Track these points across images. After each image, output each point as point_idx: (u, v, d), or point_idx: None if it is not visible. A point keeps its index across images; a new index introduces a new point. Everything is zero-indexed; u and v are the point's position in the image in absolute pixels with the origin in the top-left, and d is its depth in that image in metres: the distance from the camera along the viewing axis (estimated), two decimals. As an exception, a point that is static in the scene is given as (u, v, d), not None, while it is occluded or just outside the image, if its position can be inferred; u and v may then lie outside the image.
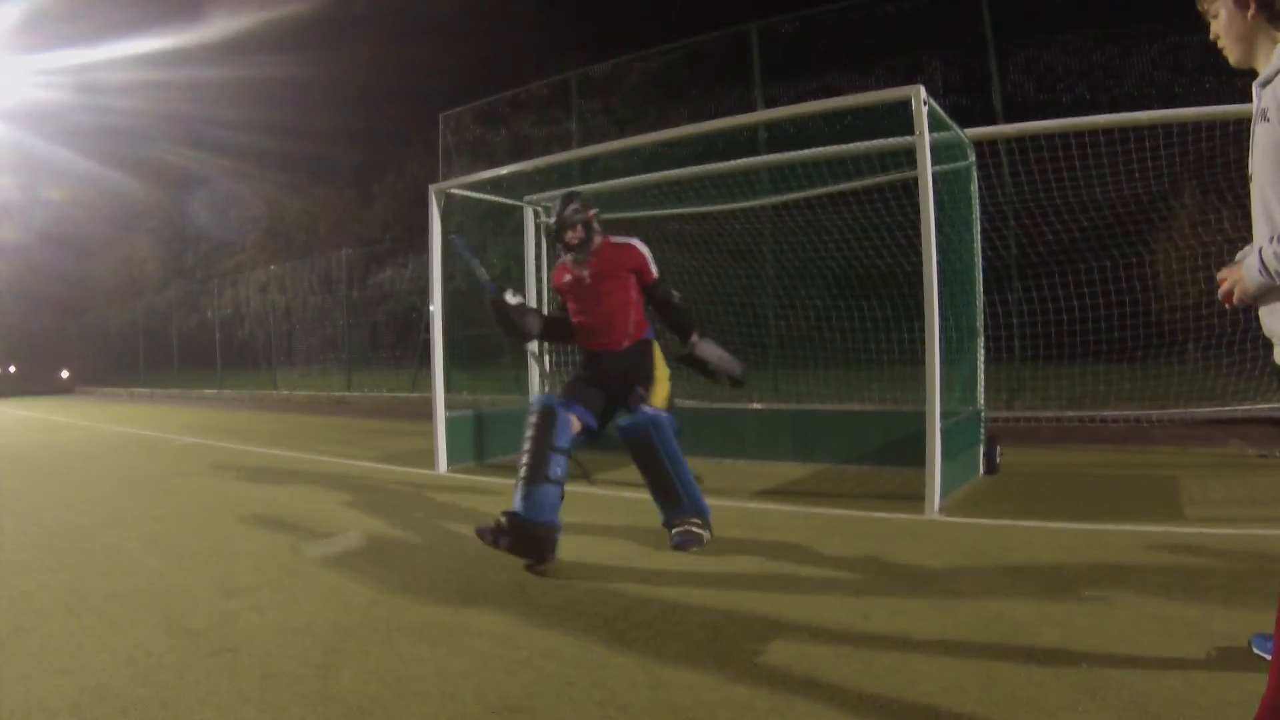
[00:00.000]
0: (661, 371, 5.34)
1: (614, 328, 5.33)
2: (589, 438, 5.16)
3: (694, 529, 4.98)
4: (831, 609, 3.72)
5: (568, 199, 5.41)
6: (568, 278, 5.45)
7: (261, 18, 37.74)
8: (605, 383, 5.27)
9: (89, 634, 3.67)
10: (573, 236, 5.35)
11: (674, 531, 5.01)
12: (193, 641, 3.54)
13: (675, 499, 5.03)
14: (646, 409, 5.05)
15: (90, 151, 39.93)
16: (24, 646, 3.52)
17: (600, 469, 7.47)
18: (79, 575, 4.70)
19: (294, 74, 40.08)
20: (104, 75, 38.27)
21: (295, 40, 41.82)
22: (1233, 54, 2.41)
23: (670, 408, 5.28)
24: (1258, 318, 2.39)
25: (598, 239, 5.41)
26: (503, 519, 4.55)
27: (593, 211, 5.43)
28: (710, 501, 5.77)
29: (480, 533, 4.64)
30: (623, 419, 5.11)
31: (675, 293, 5.52)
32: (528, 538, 4.53)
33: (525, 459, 4.77)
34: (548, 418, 4.86)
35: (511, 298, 5.44)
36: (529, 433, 4.84)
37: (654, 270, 5.43)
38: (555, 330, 5.77)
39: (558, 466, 4.75)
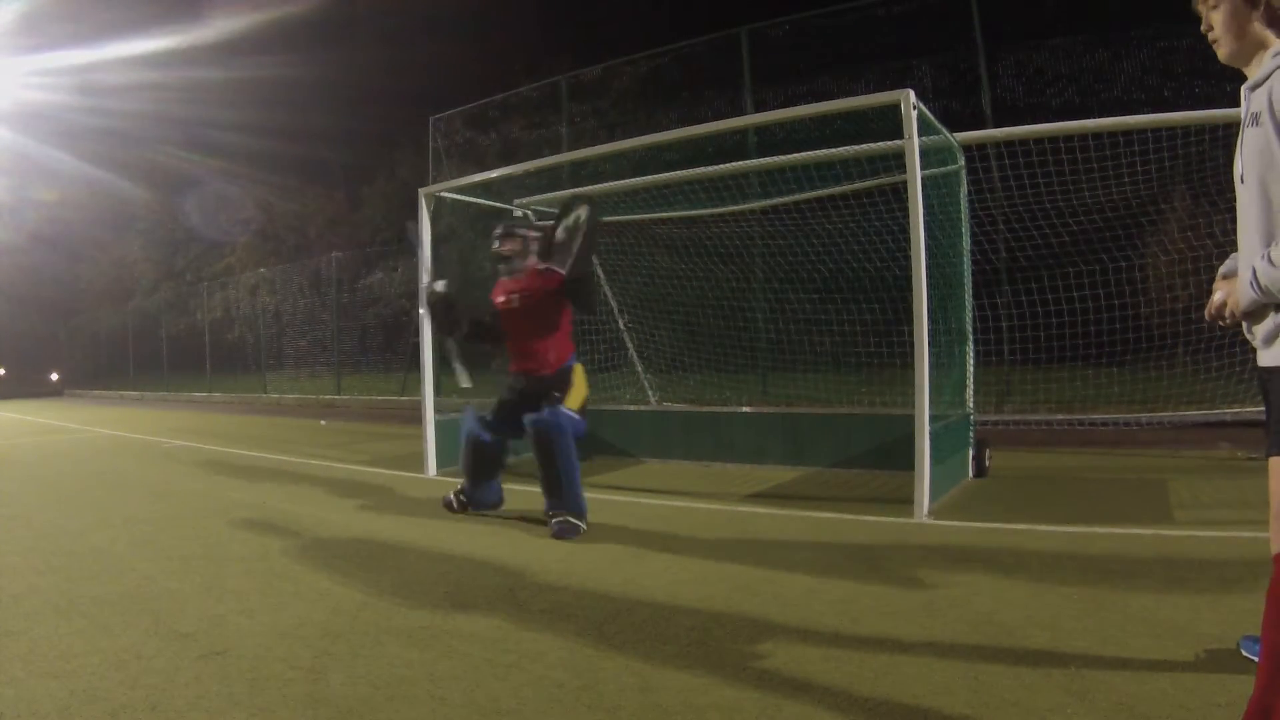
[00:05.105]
0: (579, 387, 5.84)
1: (536, 354, 5.88)
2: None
3: (572, 520, 5.49)
4: (820, 612, 3.73)
5: (514, 217, 5.99)
6: (501, 298, 5.93)
7: (253, 20, 37.67)
8: (524, 402, 5.83)
9: (78, 637, 3.65)
10: (509, 247, 5.85)
11: (554, 521, 5.52)
12: (182, 644, 3.53)
13: (559, 493, 5.56)
14: (555, 410, 5.58)
15: (82, 152, 39.80)
16: (13, 650, 3.50)
17: (587, 474, 7.45)
18: (68, 578, 4.68)
19: (285, 75, 40.03)
20: (97, 76, 38.14)
21: (287, 42, 41.74)
22: (1224, 49, 2.41)
23: (582, 413, 5.79)
24: (1240, 325, 2.40)
25: (532, 260, 5.86)
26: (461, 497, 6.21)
27: (535, 233, 5.89)
28: (699, 505, 6.05)
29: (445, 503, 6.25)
30: (530, 415, 5.63)
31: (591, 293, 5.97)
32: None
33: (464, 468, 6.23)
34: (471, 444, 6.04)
35: (440, 287, 6.08)
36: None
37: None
38: (481, 334, 6.24)
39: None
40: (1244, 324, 2.38)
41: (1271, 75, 2.22)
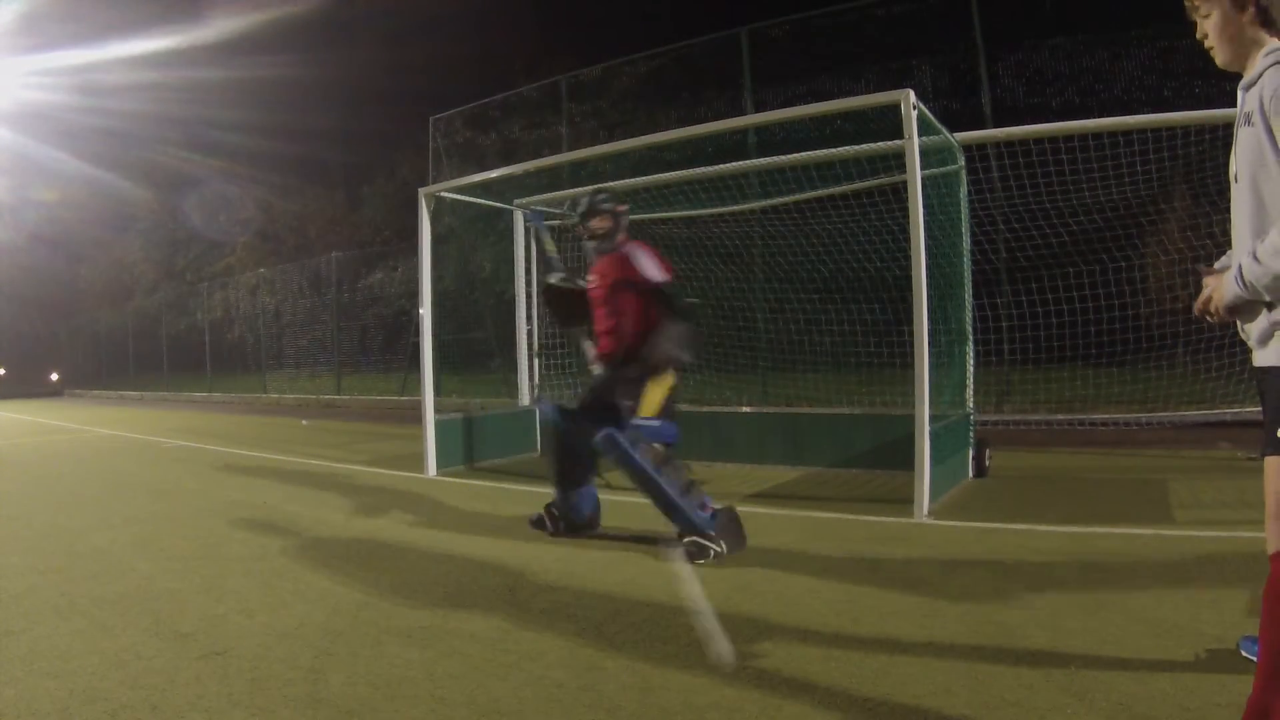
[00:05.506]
0: (658, 379, 5.12)
1: (607, 336, 5.22)
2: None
3: (698, 541, 4.78)
4: (820, 612, 3.73)
5: (599, 190, 5.53)
6: (591, 278, 5.35)
7: (253, 20, 37.64)
8: (602, 393, 5.16)
9: (78, 637, 3.65)
10: (598, 224, 5.33)
11: (684, 541, 4.85)
12: (182, 644, 3.53)
13: (668, 514, 4.89)
14: (623, 425, 4.91)
15: (82, 152, 39.77)
16: (13, 649, 3.50)
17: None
18: (68, 578, 4.68)
19: (285, 75, 39.95)
20: (97, 76, 38.14)
21: (287, 42, 41.64)
22: (1221, 55, 2.42)
23: (668, 415, 5.14)
24: (1234, 323, 2.41)
25: (621, 237, 5.34)
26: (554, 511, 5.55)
27: (623, 207, 5.40)
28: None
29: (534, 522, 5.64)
30: (600, 431, 4.95)
31: (687, 303, 5.31)
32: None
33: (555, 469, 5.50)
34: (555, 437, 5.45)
35: (560, 281, 5.58)
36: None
37: (647, 273, 5.12)
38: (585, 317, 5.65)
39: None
40: (1239, 324, 2.38)
41: (1263, 75, 2.23)
